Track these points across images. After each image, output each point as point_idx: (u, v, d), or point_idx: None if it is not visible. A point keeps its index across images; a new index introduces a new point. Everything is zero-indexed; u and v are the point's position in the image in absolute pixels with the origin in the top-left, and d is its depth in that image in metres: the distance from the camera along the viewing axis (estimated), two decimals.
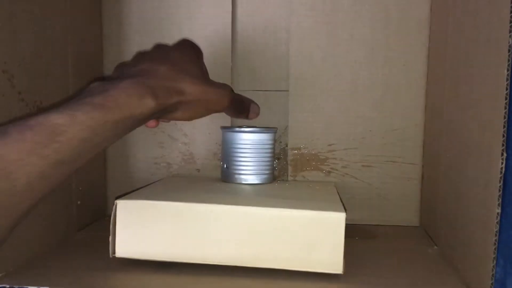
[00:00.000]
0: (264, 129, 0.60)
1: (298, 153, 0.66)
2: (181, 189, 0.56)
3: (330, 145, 0.66)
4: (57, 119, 0.34)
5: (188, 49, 0.49)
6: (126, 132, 0.40)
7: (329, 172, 0.66)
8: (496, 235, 0.38)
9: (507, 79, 0.37)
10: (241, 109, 0.56)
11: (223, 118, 0.66)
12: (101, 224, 0.64)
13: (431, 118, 0.61)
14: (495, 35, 0.39)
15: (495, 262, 0.39)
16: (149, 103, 0.40)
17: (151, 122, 0.48)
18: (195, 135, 0.67)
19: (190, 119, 0.48)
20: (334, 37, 0.64)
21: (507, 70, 0.37)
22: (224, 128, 0.61)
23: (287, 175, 0.67)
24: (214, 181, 0.62)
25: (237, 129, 0.59)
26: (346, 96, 0.65)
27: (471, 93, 0.45)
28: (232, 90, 0.51)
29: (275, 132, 0.61)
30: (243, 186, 0.58)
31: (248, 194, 0.54)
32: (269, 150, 0.60)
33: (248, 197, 0.53)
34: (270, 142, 0.60)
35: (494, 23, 0.40)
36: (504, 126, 0.37)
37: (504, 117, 0.37)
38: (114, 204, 0.47)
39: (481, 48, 0.43)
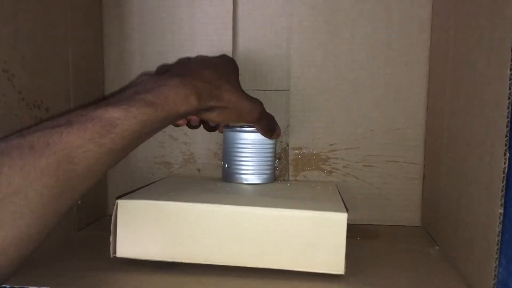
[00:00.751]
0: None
1: (299, 152, 0.66)
2: (182, 189, 0.55)
3: (331, 144, 0.65)
4: (114, 112, 0.38)
5: (226, 61, 0.54)
6: (168, 124, 0.45)
7: (330, 172, 0.66)
8: (498, 235, 0.38)
9: (510, 79, 0.37)
10: (268, 125, 0.57)
11: None
12: (102, 224, 0.64)
13: (433, 117, 0.61)
14: (498, 34, 0.39)
15: (497, 262, 0.39)
16: (193, 102, 0.44)
17: (181, 121, 0.51)
18: (195, 135, 0.67)
19: (221, 121, 0.51)
20: (335, 37, 0.64)
21: (510, 70, 0.37)
22: (225, 127, 0.61)
23: (288, 175, 0.66)
24: (214, 181, 0.62)
25: (238, 128, 0.59)
26: (347, 95, 0.65)
27: (473, 93, 0.45)
28: (263, 106, 0.54)
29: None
30: (244, 186, 0.58)
31: (249, 194, 0.54)
32: (270, 150, 0.60)
33: (249, 197, 0.53)
34: (271, 141, 0.60)
35: (497, 22, 0.40)
36: (506, 126, 0.37)
37: (507, 117, 0.37)
38: (114, 204, 0.47)
39: (483, 47, 0.43)
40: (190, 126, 0.54)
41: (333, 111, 0.65)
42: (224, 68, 0.51)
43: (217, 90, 0.47)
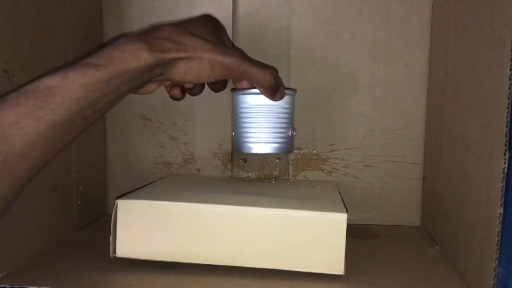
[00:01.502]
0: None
1: (299, 152, 0.66)
2: (182, 189, 0.55)
3: (331, 144, 0.65)
4: (51, 81, 0.34)
5: (203, 19, 0.48)
6: (126, 89, 0.39)
7: (330, 172, 0.66)
8: (498, 235, 0.38)
9: (509, 79, 0.37)
10: (264, 80, 0.48)
11: (224, 118, 0.66)
12: (102, 224, 0.64)
13: (433, 117, 0.61)
14: (498, 34, 0.39)
15: (497, 262, 0.39)
16: (144, 56, 0.39)
17: (174, 90, 0.47)
18: (195, 135, 0.67)
19: (195, 79, 0.44)
20: (335, 36, 0.64)
21: (510, 70, 0.37)
22: (232, 90, 0.54)
23: (288, 175, 0.66)
24: (214, 181, 0.62)
25: (243, 90, 0.52)
26: (347, 95, 0.64)
27: (473, 93, 0.45)
28: (246, 56, 0.47)
29: (293, 95, 0.54)
30: (244, 185, 0.58)
31: (249, 194, 0.54)
32: (285, 115, 0.53)
33: (249, 197, 0.53)
34: (283, 105, 0.52)
35: (496, 22, 0.40)
36: (506, 126, 0.37)
37: (507, 117, 0.37)
38: (114, 204, 0.47)
39: (483, 47, 0.43)
40: (189, 92, 0.50)
41: (333, 111, 0.65)
42: (192, 23, 0.45)
43: (178, 39, 0.42)
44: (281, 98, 0.51)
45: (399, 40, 0.63)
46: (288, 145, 0.54)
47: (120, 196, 0.48)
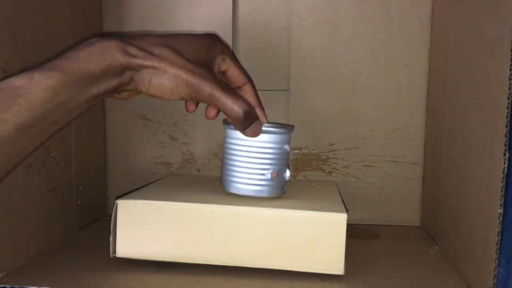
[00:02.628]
0: (269, 125, 0.49)
1: (299, 152, 0.66)
2: (182, 189, 0.55)
3: (331, 144, 0.65)
4: (16, 82, 0.33)
5: (195, 37, 0.45)
6: (95, 93, 0.37)
7: (330, 172, 0.66)
8: (498, 235, 0.38)
9: (509, 79, 0.37)
10: (225, 108, 0.44)
11: (225, 117, 0.66)
12: (102, 224, 0.64)
13: (433, 117, 0.61)
14: (498, 34, 0.39)
15: (497, 262, 0.39)
16: (112, 55, 0.38)
17: (190, 106, 0.47)
18: (195, 135, 0.67)
19: (159, 94, 0.42)
20: (335, 37, 0.64)
21: (510, 70, 0.37)
22: (223, 123, 0.51)
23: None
24: (214, 181, 0.62)
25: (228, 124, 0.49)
26: (347, 95, 0.65)
27: (473, 93, 0.45)
28: (221, 83, 0.44)
29: (282, 134, 0.49)
30: None
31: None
32: (266, 155, 0.48)
33: (249, 197, 0.53)
34: (268, 145, 0.48)
35: (496, 22, 0.40)
36: (506, 126, 0.37)
37: (507, 117, 0.37)
38: (114, 204, 0.47)
39: (483, 47, 0.43)
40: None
41: (333, 111, 0.65)
42: (181, 38, 0.43)
43: (150, 49, 0.40)
44: (254, 135, 0.47)
45: (399, 40, 0.63)
46: (267, 188, 0.48)
47: (120, 196, 0.48)
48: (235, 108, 0.43)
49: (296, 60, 0.65)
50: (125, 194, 0.49)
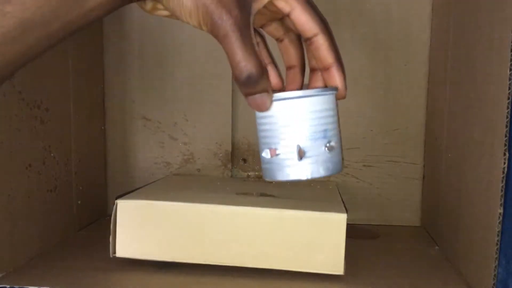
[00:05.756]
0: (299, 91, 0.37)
1: None
2: (182, 189, 0.55)
3: None
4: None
5: None
6: (88, 9, 0.32)
7: None
8: (498, 235, 0.38)
9: (509, 79, 0.37)
10: (230, 55, 0.35)
11: (224, 118, 0.66)
12: (101, 224, 0.64)
13: (433, 117, 0.61)
14: (498, 34, 0.39)
15: (497, 262, 0.39)
16: None
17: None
18: (195, 135, 0.67)
19: (177, 10, 0.35)
20: (335, 37, 0.64)
21: (510, 70, 0.37)
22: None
23: None
24: (214, 181, 0.62)
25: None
26: (347, 95, 0.64)
27: (473, 93, 0.45)
28: (246, 27, 0.35)
29: (328, 94, 0.39)
30: (245, 185, 0.58)
31: (249, 194, 0.54)
32: (286, 129, 0.35)
33: (249, 197, 0.53)
34: (309, 110, 0.36)
35: (496, 22, 0.40)
36: (506, 126, 0.37)
37: (507, 117, 0.37)
38: (114, 204, 0.47)
39: (483, 47, 0.43)
40: None
41: None
42: None
43: None
44: (257, 107, 0.36)
45: (399, 40, 0.63)
46: (319, 166, 0.34)
47: (120, 196, 0.48)
48: (242, 65, 0.34)
49: None
50: (125, 194, 0.49)
